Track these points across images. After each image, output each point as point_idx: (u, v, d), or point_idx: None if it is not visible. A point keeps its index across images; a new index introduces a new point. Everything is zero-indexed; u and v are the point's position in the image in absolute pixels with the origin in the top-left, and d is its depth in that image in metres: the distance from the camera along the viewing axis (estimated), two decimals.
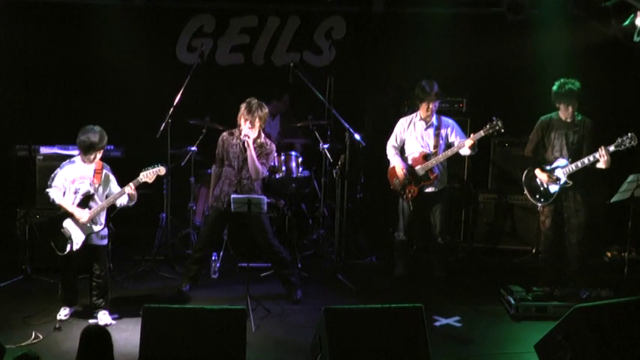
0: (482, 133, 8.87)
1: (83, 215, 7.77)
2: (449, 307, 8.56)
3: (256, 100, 8.52)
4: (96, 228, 7.86)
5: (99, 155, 7.85)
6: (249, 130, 8.45)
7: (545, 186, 8.84)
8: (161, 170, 7.94)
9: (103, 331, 5.73)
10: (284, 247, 9.00)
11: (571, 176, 8.68)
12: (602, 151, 8.38)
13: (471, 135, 8.93)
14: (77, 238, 7.82)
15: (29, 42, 10.69)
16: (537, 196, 8.95)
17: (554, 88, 8.74)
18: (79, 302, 8.22)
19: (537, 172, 8.87)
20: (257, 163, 8.53)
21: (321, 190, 10.23)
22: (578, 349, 6.44)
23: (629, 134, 8.30)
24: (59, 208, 7.87)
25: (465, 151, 9.06)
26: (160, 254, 9.88)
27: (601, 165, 8.46)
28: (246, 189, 8.59)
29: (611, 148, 8.37)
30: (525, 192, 9.07)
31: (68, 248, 7.81)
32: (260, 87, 10.73)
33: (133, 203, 7.97)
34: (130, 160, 9.55)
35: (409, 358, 6.52)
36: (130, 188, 7.78)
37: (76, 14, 10.92)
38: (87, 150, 7.78)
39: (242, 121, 8.49)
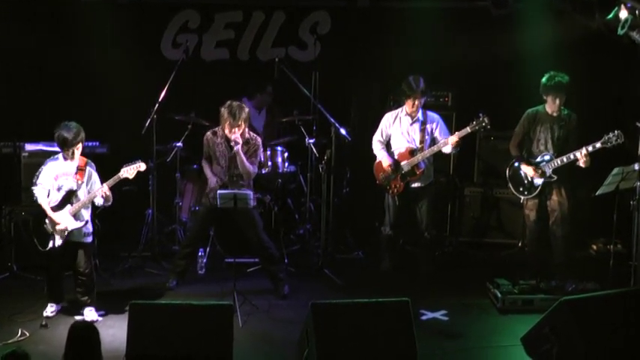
0: (468, 129, 8.88)
1: (60, 222, 7.76)
2: (435, 301, 8.58)
3: (236, 103, 8.54)
4: (78, 224, 7.84)
5: (77, 151, 7.83)
6: (238, 136, 8.46)
7: (530, 179, 8.87)
8: (141, 166, 7.94)
9: (90, 327, 5.73)
10: (273, 242, 9.00)
11: (555, 170, 8.71)
12: (583, 151, 8.41)
13: (456, 133, 8.94)
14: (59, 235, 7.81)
15: (12, 39, 10.62)
16: (521, 189, 8.97)
17: (544, 80, 8.75)
18: (66, 298, 8.22)
19: (523, 165, 8.89)
20: (248, 165, 8.56)
21: (308, 185, 10.22)
22: (564, 341, 6.46)
23: (616, 132, 8.29)
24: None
25: (447, 149, 9.07)
26: (146, 250, 9.86)
27: (580, 164, 8.51)
28: (236, 186, 8.60)
29: (598, 145, 8.38)
30: (509, 185, 9.11)
31: (50, 244, 7.79)
32: (245, 82, 10.77)
33: (109, 204, 7.96)
34: (116, 157, 9.54)
35: (396, 352, 6.53)
36: (102, 191, 7.77)
37: (60, 11, 10.86)
38: (62, 145, 7.78)
39: (227, 128, 8.48)
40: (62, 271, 8.14)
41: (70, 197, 7.83)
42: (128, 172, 7.89)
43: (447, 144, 8.95)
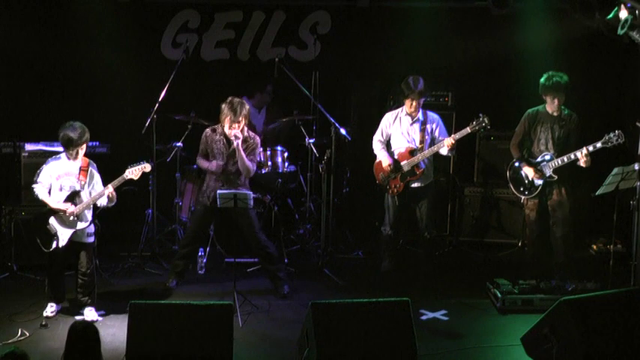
0: (468, 129, 8.87)
1: (67, 207, 7.75)
2: (435, 301, 8.58)
3: (237, 99, 8.53)
4: (81, 225, 7.84)
5: (81, 152, 7.83)
6: (238, 131, 8.46)
7: (530, 179, 8.86)
8: (146, 167, 7.93)
9: (90, 327, 5.73)
10: (271, 242, 9.00)
11: (556, 170, 8.70)
12: (584, 151, 8.40)
13: (456, 133, 8.94)
14: (63, 235, 7.80)
15: (13, 38, 10.62)
16: (521, 189, 8.97)
17: (542, 80, 8.75)
18: (66, 298, 8.22)
19: (523, 165, 8.88)
20: (247, 162, 8.55)
21: (308, 185, 10.23)
22: (563, 341, 6.47)
23: (617, 132, 8.28)
24: (44, 204, 7.86)
25: (443, 151, 9.05)
26: (146, 250, 9.86)
27: (581, 164, 8.51)
28: (233, 184, 8.61)
29: (598, 145, 8.38)
30: (509, 185, 9.10)
31: (54, 245, 7.80)
32: (245, 82, 10.76)
33: (113, 204, 7.95)
34: (116, 157, 9.56)
35: (396, 351, 6.53)
36: (108, 190, 7.78)
37: (60, 10, 10.86)
38: (66, 146, 7.78)
39: (227, 124, 8.47)
40: (63, 270, 8.14)
41: (73, 198, 7.83)
42: (133, 172, 7.89)
43: (442, 147, 8.95)
